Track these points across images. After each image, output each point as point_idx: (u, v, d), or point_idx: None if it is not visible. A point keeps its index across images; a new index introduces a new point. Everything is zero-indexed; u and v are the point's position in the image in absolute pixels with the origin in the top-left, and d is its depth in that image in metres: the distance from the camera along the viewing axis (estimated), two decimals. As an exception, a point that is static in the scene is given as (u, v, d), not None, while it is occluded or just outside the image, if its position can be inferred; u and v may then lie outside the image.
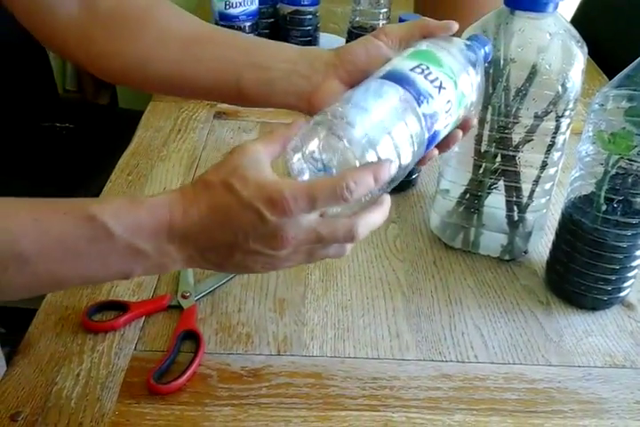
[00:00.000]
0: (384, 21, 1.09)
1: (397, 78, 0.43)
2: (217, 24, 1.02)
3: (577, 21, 1.33)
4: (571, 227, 0.61)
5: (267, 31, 1.10)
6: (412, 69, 0.44)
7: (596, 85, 1.04)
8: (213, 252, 0.41)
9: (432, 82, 0.44)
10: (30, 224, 0.39)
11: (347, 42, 1.10)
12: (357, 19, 1.09)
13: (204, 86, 0.53)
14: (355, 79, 0.48)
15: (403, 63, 0.45)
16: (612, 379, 0.55)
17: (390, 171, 0.41)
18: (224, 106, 0.91)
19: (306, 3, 1.08)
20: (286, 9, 1.09)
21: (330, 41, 1.14)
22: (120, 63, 0.54)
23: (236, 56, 0.52)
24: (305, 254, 0.42)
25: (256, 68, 0.51)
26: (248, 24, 1.02)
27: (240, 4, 1.00)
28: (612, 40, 1.19)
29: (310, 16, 1.09)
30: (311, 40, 1.11)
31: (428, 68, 0.44)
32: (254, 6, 1.02)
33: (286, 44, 0.53)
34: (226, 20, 1.01)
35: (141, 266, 0.41)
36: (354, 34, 1.09)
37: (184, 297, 0.59)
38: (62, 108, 1.29)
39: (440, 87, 0.44)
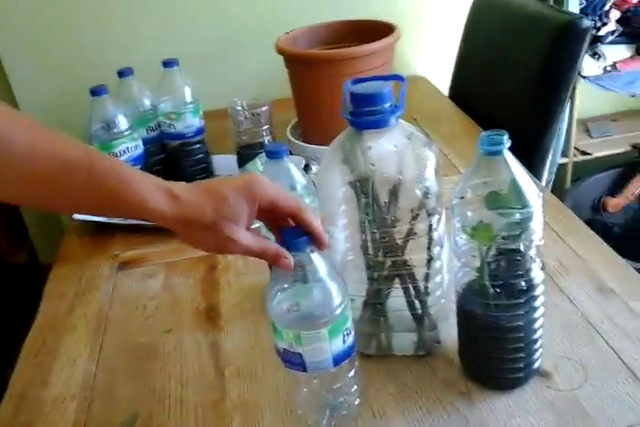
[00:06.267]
0: (268, 137, 1.15)
1: None
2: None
3: (455, 82, 1.43)
4: (466, 318, 0.63)
5: (159, 167, 1.13)
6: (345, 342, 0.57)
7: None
8: None
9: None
10: None
11: (238, 162, 1.14)
12: (243, 138, 1.14)
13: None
14: None
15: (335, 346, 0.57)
16: (541, 462, 0.55)
17: None
18: (127, 255, 0.93)
19: (190, 135, 1.12)
20: (172, 143, 1.13)
21: (224, 162, 1.18)
22: None
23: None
24: None
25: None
26: (137, 168, 1.05)
27: (124, 151, 1.04)
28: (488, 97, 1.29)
29: (198, 145, 1.14)
30: (206, 166, 1.15)
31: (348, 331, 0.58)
32: (139, 150, 1.06)
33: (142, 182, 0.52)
34: (114, 169, 1.04)
35: None
36: (243, 154, 1.13)
37: None
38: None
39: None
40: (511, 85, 1.21)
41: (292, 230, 0.55)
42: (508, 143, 0.55)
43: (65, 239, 1.02)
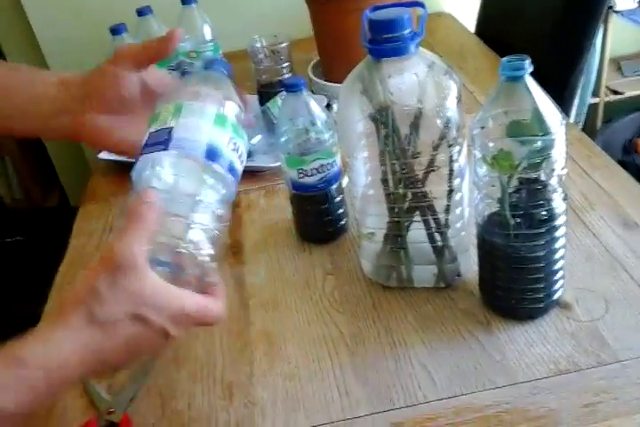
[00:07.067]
0: (289, 75, 1.13)
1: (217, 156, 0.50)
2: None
3: (481, 18, 1.39)
4: (487, 248, 0.63)
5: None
6: (227, 145, 0.51)
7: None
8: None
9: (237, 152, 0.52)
10: None
11: (259, 101, 1.13)
12: (264, 76, 1.13)
13: None
14: (107, 107, 0.56)
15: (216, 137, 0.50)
16: (559, 387, 0.56)
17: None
18: (151, 194, 0.94)
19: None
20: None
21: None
22: None
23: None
24: None
25: (18, 116, 0.57)
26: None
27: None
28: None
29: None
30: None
31: (235, 143, 0.52)
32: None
33: (44, 77, 0.58)
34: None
35: None
36: (264, 93, 1.13)
37: (110, 413, 0.58)
38: (10, 221, 1.32)
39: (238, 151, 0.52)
40: (538, 20, 1.16)
41: None
42: (529, 68, 0.54)
43: (92, 180, 1.03)
